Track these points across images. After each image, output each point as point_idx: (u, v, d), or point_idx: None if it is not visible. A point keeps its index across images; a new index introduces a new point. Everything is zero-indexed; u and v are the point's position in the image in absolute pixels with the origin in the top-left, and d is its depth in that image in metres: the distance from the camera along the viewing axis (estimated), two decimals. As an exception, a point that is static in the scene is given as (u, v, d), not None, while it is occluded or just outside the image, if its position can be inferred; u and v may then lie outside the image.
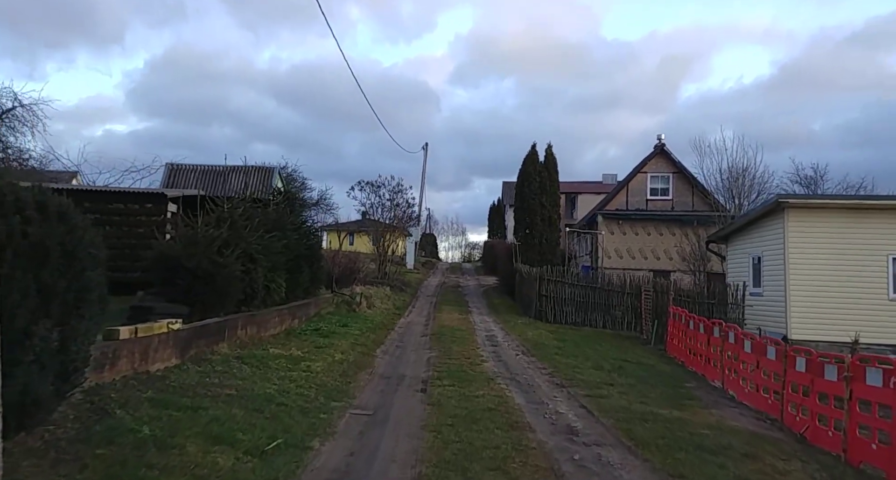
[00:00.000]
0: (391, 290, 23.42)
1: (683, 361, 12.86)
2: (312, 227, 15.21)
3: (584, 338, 15.36)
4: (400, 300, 22.14)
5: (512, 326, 17.03)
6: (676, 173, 33.36)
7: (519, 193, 26.69)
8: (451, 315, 18.86)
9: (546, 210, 26.04)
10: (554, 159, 26.50)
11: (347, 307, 16.45)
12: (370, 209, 26.96)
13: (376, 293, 20.26)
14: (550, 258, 26.08)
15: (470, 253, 76.20)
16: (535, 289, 19.64)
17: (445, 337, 13.54)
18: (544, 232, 26.03)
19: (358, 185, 26.93)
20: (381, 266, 26.88)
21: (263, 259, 10.83)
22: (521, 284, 23.81)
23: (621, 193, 34.11)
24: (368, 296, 18.17)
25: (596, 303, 19.14)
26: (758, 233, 19.24)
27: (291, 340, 10.69)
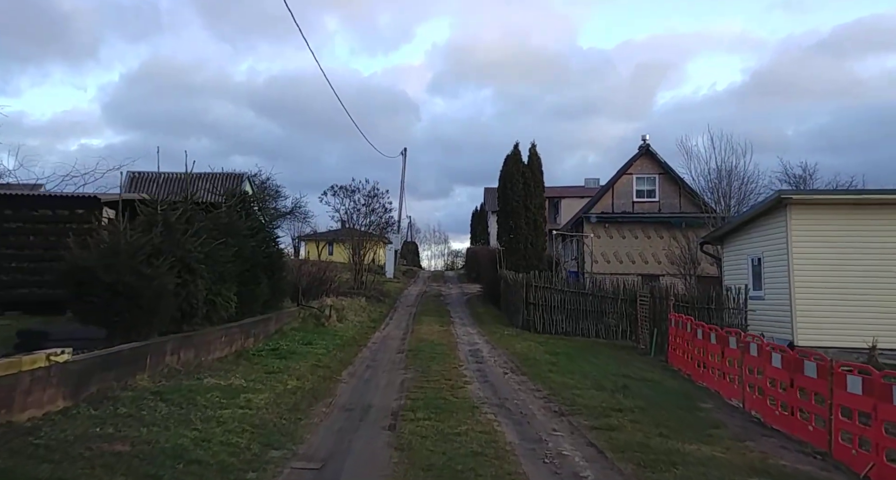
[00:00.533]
0: (367, 301, 21.81)
1: (690, 374, 11.48)
2: (272, 232, 13.58)
3: (577, 350, 13.91)
4: (376, 311, 20.53)
5: (498, 338, 15.53)
6: (663, 175, 32.35)
7: (502, 195, 25.32)
8: (431, 327, 17.31)
9: (531, 213, 24.68)
10: (538, 160, 25.22)
11: (315, 322, 14.83)
12: (344, 216, 25.41)
13: (350, 305, 18.64)
14: (537, 264, 24.66)
15: (453, 261, 75.77)
16: (521, 297, 18.20)
17: (424, 354, 11.99)
18: (529, 236, 24.65)
19: (331, 189, 25.36)
20: (358, 276, 25.25)
21: (205, 269, 9.20)
22: (506, 291, 22.35)
23: (607, 195, 33.01)
24: (340, 308, 16.56)
25: (587, 310, 17.75)
26: (757, 232, 18.04)
27: (240, 364, 9.07)
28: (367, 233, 26.30)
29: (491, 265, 27.45)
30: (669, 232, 31.00)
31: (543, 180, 25.30)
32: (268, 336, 12.07)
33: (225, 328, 9.75)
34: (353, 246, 25.71)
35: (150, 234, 8.30)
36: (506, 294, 22.61)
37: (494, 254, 27.20)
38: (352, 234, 26.01)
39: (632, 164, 32.76)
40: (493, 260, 27.13)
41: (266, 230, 13.15)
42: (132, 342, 7.46)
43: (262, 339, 11.65)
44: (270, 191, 44.78)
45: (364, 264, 26.37)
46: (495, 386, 9.01)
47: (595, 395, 8.38)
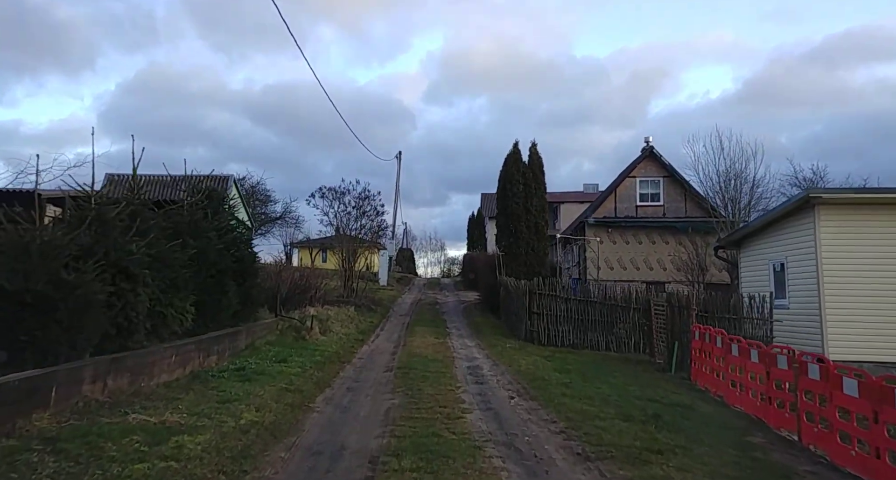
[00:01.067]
0: (357, 310, 20.21)
1: (722, 395, 9.95)
2: (245, 233, 11.99)
3: (589, 366, 12.36)
4: (366, 321, 18.94)
5: (499, 351, 13.97)
6: (667, 177, 30.95)
7: (501, 197, 23.82)
8: (425, 340, 15.73)
9: (532, 216, 23.18)
10: (539, 159, 23.74)
11: (295, 335, 13.24)
12: (334, 219, 23.87)
13: (337, 315, 17.05)
14: (539, 270, 23.11)
15: (449, 268, 74.73)
16: (524, 306, 16.65)
17: (416, 372, 10.41)
18: (531, 241, 23.13)
19: (319, 191, 23.80)
20: (347, 283, 23.66)
21: (151, 275, 7.64)
22: (506, 299, 20.80)
23: (609, 199, 31.60)
24: (324, 319, 14.96)
25: (596, 321, 16.20)
26: (780, 235, 16.57)
27: (191, 390, 7.48)
28: (357, 238, 24.74)
29: (489, 272, 25.93)
30: (675, 237, 29.63)
31: (545, 180, 23.84)
32: (236, 353, 10.48)
33: (176, 345, 8.17)
34: (343, 251, 24.14)
35: (74, 232, 6.74)
36: (506, 303, 21.06)
37: (493, 260, 25.68)
38: (341, 239, 24.44)
39: (635, 166, 31.39)
40: (491, 266, 25.62)
41: (237, 231, 11.58)
42: (45, 366, 5.89)
43: (227, 356, 10.06)
44: (260, 195, 43.31)
45: (355, 271, 24.79)
46: (500, 416, 7.43)
47: (623, 428, 6.81)
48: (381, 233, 25.61)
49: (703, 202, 29.17)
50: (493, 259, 26.35)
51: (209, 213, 11.01)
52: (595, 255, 29.20)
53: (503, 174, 23.97)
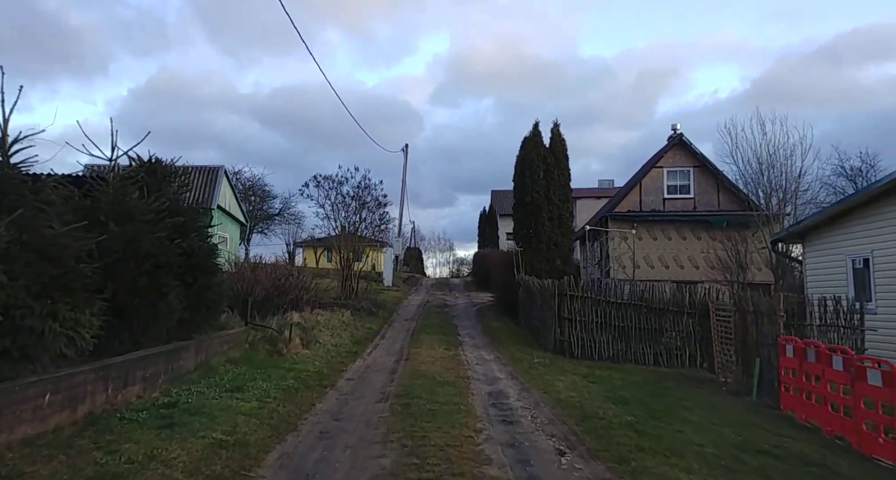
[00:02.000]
0: (353, 315, 17.46)
1: (842, 434, 7.15)
2: (198, 217, 9.21)
3: (645, 390, 9.51)
4: (364, 328, 16.15)
5: (526, 368, 11.15)
6: (698, 168, 28.03)
7: (519, 185, 20.99)
8: (433, 351, 12.94)
9: (554, 207, 20.34)
10: (562, 143, 20.89)
11: (270, 348, 10.49)
12: (330, 212, 21.14)
13: (328, 321, 14.30)
14: (563, 268, 20.28)
15: (458, 268, 72.68)
16: (552, 310, 13.81)
17: (420, 402, 7.63)
18: (553, 235, 20.29)
19: (313, 180, 21.06)
20: (345, 284, 20.91)
21: (5, 270, 4.90)
22: (527, 301, 17.98)
23: (633, 192, 28.69)
24: (310, 327, 12.21)
25: (641, 328, 13.34)
26: (862, 225, 13.65)
27: (61, 451, 4.73)
28: (356, 235, 21.98)
29: (505, 270, 23.10)
30: (708, 232, 26.75)
31: (569, 166, 20.97)
32: (177, 377, 7.73)
33: (58, 376, 5.41)
34: (340, 249, 21.39)
35: None
36: (526, 305, 18.23)
37: (509, 257, 22.85)
38: (338, 240, 21.68)
39: (662, 156, 28.51)
40: (507, 264, 22.79)
41: (187, 215, 8.83)
42: None
43: (162, 383, 7.31)
44: (257, 190, 40.70)
45: (354, 271, 22.05)
46: (551, 493, 4.63)
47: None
48: (383, 227, 22.89)
49: (738, 194, 26.35)
50: (508, 256, 23.52)
51: (146, 190, 8.26)
52: (624, 251, 26.34)
53: (521, 159, 21.13)
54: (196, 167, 27.76)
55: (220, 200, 28.00)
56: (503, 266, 24.39)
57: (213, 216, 27.10)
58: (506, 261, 23.44)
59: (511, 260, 22.22)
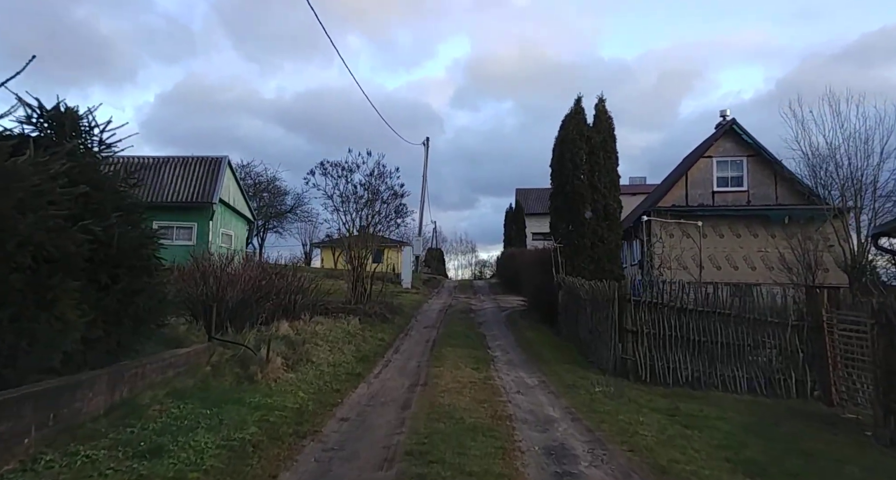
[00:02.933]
0: (363, 322, 14.67)
1: None
2: (114, 192, 6.42)
3: (769, 439, 6.51)
4: (374, 339, 13.33)
5: (586, 401, 8.21)
6: (752, 157, 24.73)
7: (558, 171, 17.99)
8: (458, 372, 10.07)
9: (600, 196, 17.31)
10: (609, 121, 17.84)
11: (240, 372, 7.73)
12: (339, 204, 18.41)
13: (328, 333, 11.52)
14: (610, 268, 17.24)
15: (481, 270, 69.76)
16: (610, 319, 10.83)
17: (442, 469, 4.80)
18: (599, 229, 17.25)
19: (320, 167, 18.33)
20: (356, 285, 18.14)
21: None
22: (571, 308, 15.00)
23: (678, 185, 25.47)
24: (300, 341, 9.44)
25: (728, 344, 10.28)
26: None
27: None
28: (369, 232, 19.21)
29: (539, 271, 20.11)
30: (766, 229, 23.45)
31: (616, 149, 17.90)
32: (67, 430, 4.98)
33: None
34: (350, 245, 18.65)
35: None
36: (569, 312, 15.25)
37: (545, 256, 19.88)
38: (348, 236, 18.91)
39: (710, 145, 25.28)
40: (542, 264, 19.83)
41: (105, 186, 6.11)
42: None
43: (29, 445, 4.56)
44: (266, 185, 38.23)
45: (367, 271, 19.31)
46: None
47: None
48: (400, 222, 20.14)
49: (799, 186, 23.04)
50: (543, 255, 20.55)
51: (30, 149, 5.52)
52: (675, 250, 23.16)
53: (560, 140, 18.11)
54: (195, 158, 25.41)
55: (223, 193, 25.56)
56: (536, 266, 21.40)
57: (215, 211, 24.68)
58: (540, 260, 20.49)
59: (546, 259, 19.25)
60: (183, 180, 24.58)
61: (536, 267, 21.29)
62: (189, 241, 24.29)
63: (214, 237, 25.09)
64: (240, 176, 35.71)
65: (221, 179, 24.76)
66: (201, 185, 24.55)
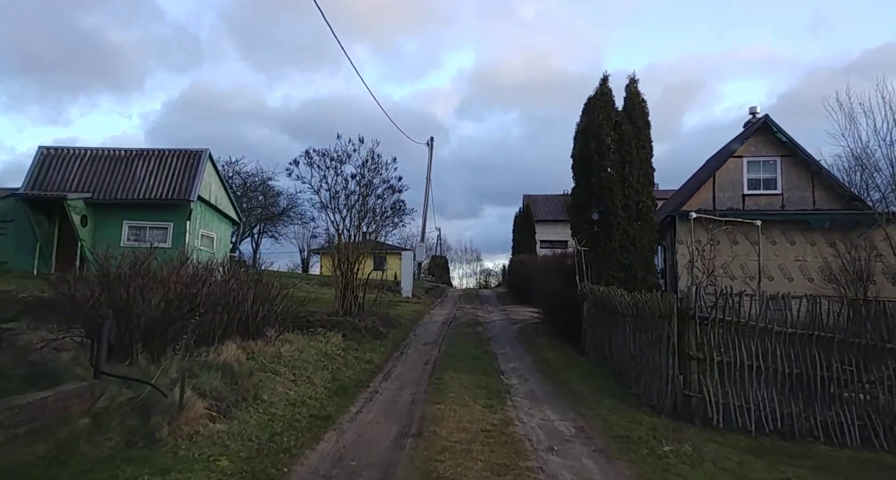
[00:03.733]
0: (349, 339, 12.05)
1: None
2: None
3: None
4: (360, 362, 10.66)
5: (653, 468, 5.59)
6: (786, 157, 22.23)
7: (580, 163, 15.37)
8: (465, 411, 7.43)
9: (631, 191, 14.69)
10: (642, 104, 15.25)
11: (136, 425, 5.12)
12: (329, 201, 15.83)
13: (296, 355, 8.89)
14: (643, 276, 14.59)
15: (486, 279, 68.06)
16: (664, 341, 8.18)
17: None
18: (629, 230, 14.61)
19: (305, 157, 15.78)
20: (344, 295, 15.53)
21: None
22: (601, 323, 12.32)
23: (704, 187, 22.95)
24: (245, 373, 6.80)
25: (829, 378, 7.60)
26: None
27: None
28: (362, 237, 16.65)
29: (556, 278, 17.40)
30: (805, 236, 20.88)
31: (650, 137, 15.29)
32: None
33: None
34: (338, 247, 16.06)
35: None
36: (599, 328, 12.57)
37: (564, 261, 17.28)
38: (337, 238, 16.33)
39: (740, 144, 22.79)
40: (559, 270, 17.18)
41: None
42: None
43: None
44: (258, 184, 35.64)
45: (361, 277, 16.72)
46: None
47: None
48: (398, 221, 17.55)
49: (840, 189, 20.61)
50: (561, 261, 17.94)
51: None
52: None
53: (583, 128, 15.52)
54: (171, 151, 22.95)
55: (203, 191, 23.07)
56: (552, 274, 18.71)
57: (193, 210, 22.19)
58: (557, 267, 17.84)
59: (565, 266, 16.63)
60: (157, 176, 22.10)
61: (552, 275, 18.59)
62: (164, 243, 21.78)
63: (193, 239, 22.56)
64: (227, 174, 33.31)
65: (200, 174, 22.26)
66: (178, 181, 22.06)
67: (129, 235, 22.01)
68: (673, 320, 8.08)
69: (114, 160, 22.31)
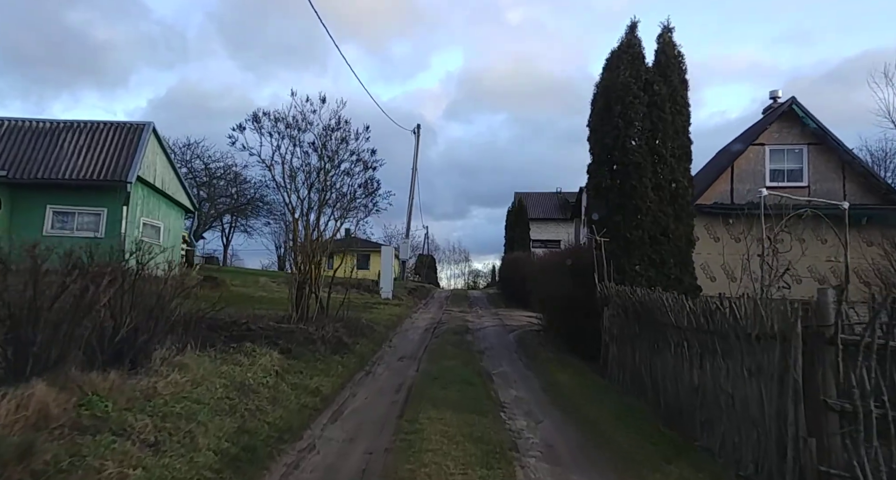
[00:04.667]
0: (294, 356, 8.76)
1: None
2: None
3: None
4: (299, 392, 7.35)
5: None
6: (814, 146, 19.39)
7: (599, 131, 12.15)
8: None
9: (666, 168, 11.54)
10: (678, 58, 12.07)
11: None
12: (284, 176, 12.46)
13: (186, 391, 5.64)
14: (679, 276, 11.45)
15: (475, 280, 66.63)
16: (774, 378, 5.01)
17: None
18: (662, 218, 11.46)
19: (252, 121, 12.41)
20: (300, 296, 12.22)
21: None
22: (630, 336, 9.10)
23: (721, 179, 20.02)
24: (20, 450, 3.59)
25: None
26: None
27: None
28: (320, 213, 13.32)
29: (562, 278, 14.15)
30: (839, 231, 17.90)
31: (689, 101, 12.13)
32: None
33: None
34: (294, 236, 12.71)
35: None
36: (631, 342, 9.34)
37: (575, 257, 14.09)
38: (294, 225, 12.98)
39: (762, 131, 19.87)
40: (571, 267, 13.97)
41: None
42: None
43: None
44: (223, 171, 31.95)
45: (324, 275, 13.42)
46: None
47: None
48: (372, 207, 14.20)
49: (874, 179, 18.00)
50: (572, 257, 14.74)
51: None
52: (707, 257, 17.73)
53: (603, 89, 12.31)
54: (107, 123, 19.46)
55: (145, 172, 19.60)
56: (557, 272, 15.45)
57: (130, 193, 18.74)
58: (565, 264, 14.61)
59: (578, 262, 13.43)
60: (89, 152, 18.60)
61: (557, 273, 15.35)
62: (96, 232, 18.34)
63: (132, 228, 19.11)
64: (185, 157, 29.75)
65: (141, 151, 18.79)
66: (114, 159, 18.58)
67: (54, 222, 18.54)
68: (794, 344, 4.88)
69: (36, 133, 18.78)
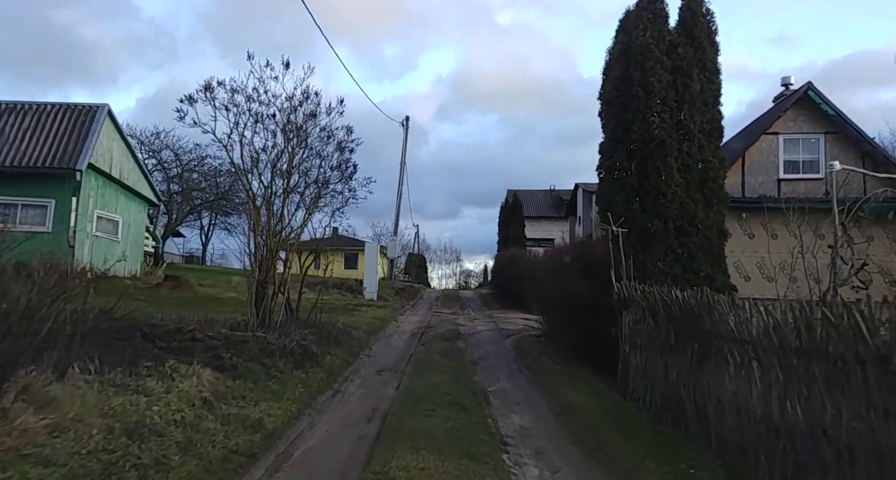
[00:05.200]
0: (233, 374, 6.86)
1: None
2: None
3: None
4: (230, 428, 5.45)
5: None
6: (831, 135, 17.78)
7: (615, 104, 10.26)
8: None
9: (694, 146, 9.72)
10: (707, 16, 10.24)
11: None
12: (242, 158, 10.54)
13: (38, 447, 3.75)
14: (710, 273, 9.64)
15: (466, 280, 64.82)
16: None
17: None
18: (689, 205, 9.65)
19: (205, 92, 10.45)
20: (259, 297, 10.29)
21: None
22: (658, 345, 7.27)
23: (732, 170, 18.22)
24: None
25: None
26: None
27: None
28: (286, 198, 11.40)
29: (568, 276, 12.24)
30: (863, 230, 16.19)
31: (720, 68, 10.32)
32: None
33: None
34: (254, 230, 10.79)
35: None
36: (660, 356, 7.50)
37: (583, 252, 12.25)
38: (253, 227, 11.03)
39: (776, 119, 18.19)
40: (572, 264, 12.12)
41: None
42: None
43: None
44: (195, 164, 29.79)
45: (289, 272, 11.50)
46: None
47: None
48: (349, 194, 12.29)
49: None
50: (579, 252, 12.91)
51: None
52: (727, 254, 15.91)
53: (619, 53, 10.46)
54: (57, 105, 17.39)
55: (100, 159, 17.55)
56: (559, 270, 13.55)
57: (81, 182, 16.68)
58: (572, 258, 12.75)
59: (586, 258, 11.58)
60: (34, 137, 16.52)
61: (560, 271, 13.48)
62: (42, 226, 16.28)
63: (84, 222, 17.06)
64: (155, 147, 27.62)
65: (93, 136, 16.73)
66: (62, 144, 16.52)
67: (-7, 214, 16.46)
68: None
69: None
